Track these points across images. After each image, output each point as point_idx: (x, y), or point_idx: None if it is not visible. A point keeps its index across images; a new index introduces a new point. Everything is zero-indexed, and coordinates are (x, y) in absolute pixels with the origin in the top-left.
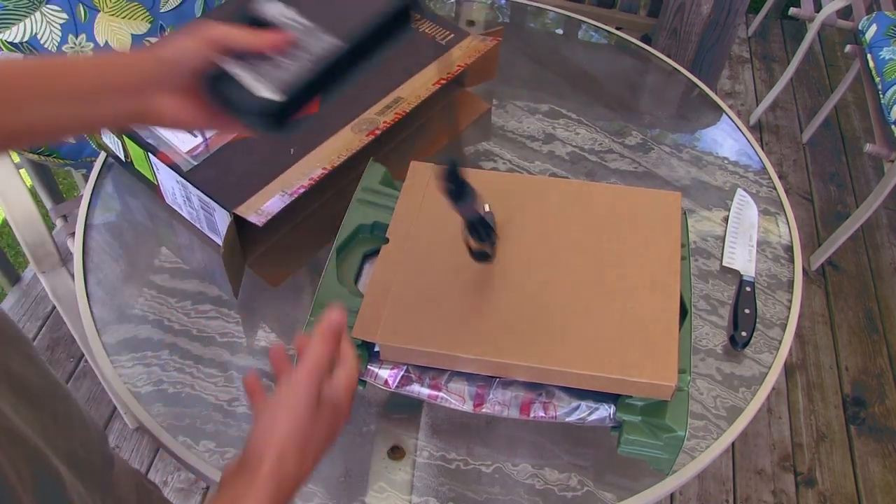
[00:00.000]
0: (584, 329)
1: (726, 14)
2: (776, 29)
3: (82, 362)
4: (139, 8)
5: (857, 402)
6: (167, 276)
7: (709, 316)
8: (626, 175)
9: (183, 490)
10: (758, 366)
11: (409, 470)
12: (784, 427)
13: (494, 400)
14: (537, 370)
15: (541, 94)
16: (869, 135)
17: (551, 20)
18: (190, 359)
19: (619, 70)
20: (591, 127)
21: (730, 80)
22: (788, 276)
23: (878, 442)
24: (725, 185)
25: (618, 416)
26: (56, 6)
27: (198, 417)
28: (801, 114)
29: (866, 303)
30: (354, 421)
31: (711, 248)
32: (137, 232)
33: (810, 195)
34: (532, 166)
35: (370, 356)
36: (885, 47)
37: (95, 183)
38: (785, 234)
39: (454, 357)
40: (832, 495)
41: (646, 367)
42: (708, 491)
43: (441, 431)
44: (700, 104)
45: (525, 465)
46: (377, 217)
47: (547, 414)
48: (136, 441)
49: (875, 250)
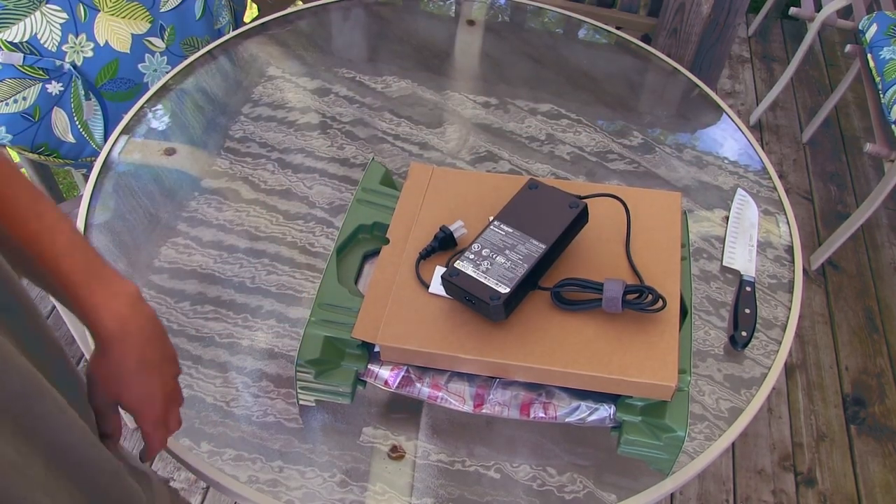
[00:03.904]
0: (584, 329)
1: (726, 14)
2: (776, 29)
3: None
4: (139, 7)
5: (857, 401)
6: (167, 276)
7: (709, 316)
8: (626, 175)
9: (183, 490)
10: (758, 366)
11: (408, 470)
12: (784, 427)
13: (494, 400)
14: (537, 370)
15: (541, 94)
16: (869, 135)
17: (551, 20)
18: (189, 359)
19: (619, 70)
20: (591, 127)
21: (730, 80)
22: (789, 276)
23: (878, 442)
24: (725, 185)
25: (618, 416)
26: (56, 6)
27: (197, 418)
28: (801, 113)
29: (866, 302)
30: (354, 421)
31: (711, 248)
32: (137, 232)
33: (810, 195)
34: (532, 166)
35: (370, 356)
36: (886, 47)
37: (95, 183)
38: (785, 234)
39: (454, 358)
40: (832, 495)
41: (646, 367)
42: (708, 491)
43: (441, 432)
44: (700, 104)
45: (525, 466)
46: (377, 217)
47: (547, 414)
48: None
49: (875, 250)
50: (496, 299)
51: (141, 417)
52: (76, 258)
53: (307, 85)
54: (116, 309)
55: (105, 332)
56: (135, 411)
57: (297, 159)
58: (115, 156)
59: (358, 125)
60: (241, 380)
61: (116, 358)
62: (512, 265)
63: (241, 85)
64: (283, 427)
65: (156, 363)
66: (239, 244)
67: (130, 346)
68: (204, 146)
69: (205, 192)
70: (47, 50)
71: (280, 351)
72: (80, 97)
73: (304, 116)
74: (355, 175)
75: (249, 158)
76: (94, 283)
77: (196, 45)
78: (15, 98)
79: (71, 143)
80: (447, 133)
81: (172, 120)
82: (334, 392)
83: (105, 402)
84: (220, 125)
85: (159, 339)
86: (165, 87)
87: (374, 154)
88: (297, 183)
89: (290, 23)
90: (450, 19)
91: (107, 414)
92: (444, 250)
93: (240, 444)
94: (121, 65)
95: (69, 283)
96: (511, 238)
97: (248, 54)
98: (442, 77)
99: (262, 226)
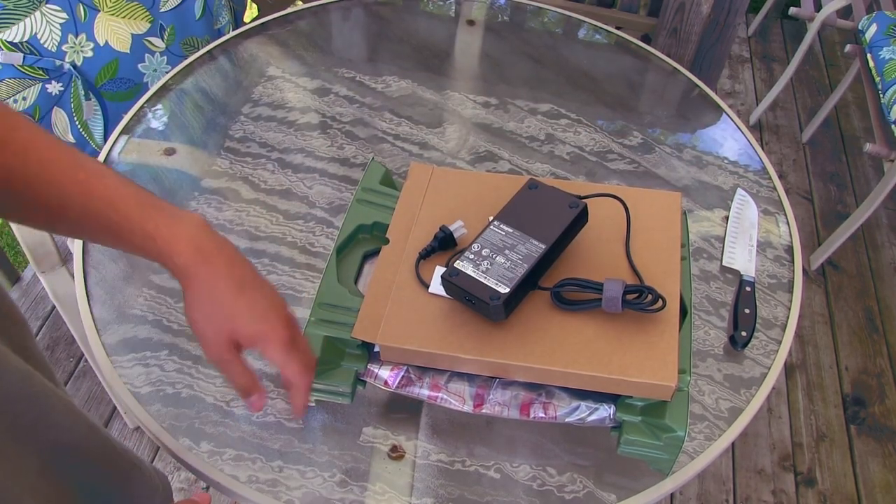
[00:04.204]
0: (584, 329)
1: (726, 14)
2: (776, 29)
3: (82, 362)
4: (139, 7)
5: (857, 401)
6: (167, 276)
7: (709, 316)
8: (626, 175)
9: (183, 490)
10: (758, 366)
11: (408, 470)
12: (784, 427)
13: (494, 400)
14: (537, 370)
15: (541, 94)
16: (869, 134)
17: (551, 20)
18: (189, 359)
19: (619, 70)
20: (591, 127)
21: (730, 80)
22: (788, 276)
23: (878, 442)
24: (725, 184)
25: (618, 416)
26: (56, 6)
27: (197, 417)
28: (801, 113)
29: (866, 302)
30: (354, 421)
31: (711, 248)
32: None
33: (810, 195)
34: (532, 166)
35: (370, 356)
36: (885, 47)
37: None
38: (785, 234)
39: (454, 358)
40: (832, 495)
41: (646, 367)
42: (708, 491)
43: (441, 432)
44: (700, 104)
45: (525, 466)
46: (377, 217)
47: (547, 414)
48: (136, 441)
49: (875, 250)
50: (496, 299)
51: (266, 345)
52: (129, 194)
53: (307, 85)
54: (187, 233)
55: (184, 259)
56: (256, 340)
57: (297, 159)
58: (114, 156)
59: (358, 125)
60: None
61: (208, 286)
62: (512, 265)
63: (241, 85)
64: (282, 427)
65: (252, 280)
66: (239, 244)
67: (217, 268)
68: (204, 146)
69: (205, 192)
70: (47, 50)
71: None
72: (79, 97)
73: (304, 116)
74: (355, 175)
75: (249, 158)
76: (156, 214)
77: (196, 45)
78: (15, 98)
79: (71, 143)
80: (447, 133)
81: (172, 120)
82: (334, 392)
83: (221, 349)
84: (219, 125)
85: (244, 258)
86: (165, 87)
87: (374, 154)
88: (297, 183)
89: (290, 23)
90: (450, 19)
91: (231, 365)
92: (443, 250)
93: (240, 444)
94: (121, 65)
95: (130, 222)
96: (511, 238)
97: (248, 54)
98: (442, 77)
99: (262, 226)
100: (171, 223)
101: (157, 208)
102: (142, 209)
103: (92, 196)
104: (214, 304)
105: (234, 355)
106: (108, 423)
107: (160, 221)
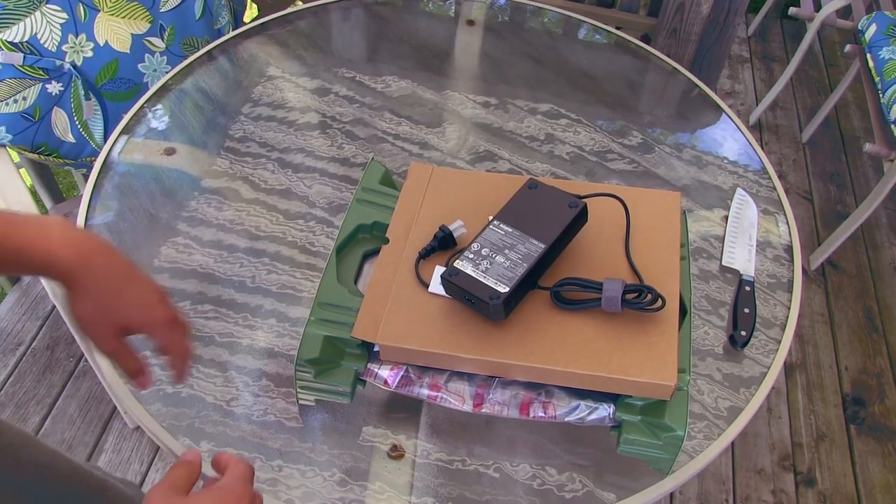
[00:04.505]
0: (584, 329)
1: (726, 14)
2: (776, 29)
3: (82, 362)
4: (139, 7)
5: (856, 401)
6: (167, 276)
7: (708, 315)
8: (626, 175)
9: None
10: (757, 365)
11: (408, 470)
12: (784, 427)
13: (494, 400)
14: (537, 370)
15: (541, 94)
16: (869, 134)
17: (551, 20)
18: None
19: (619, 70)
20: (591, 127)
21: (730, 80)
22: (788, 276)
23: (877, 442)
24: (725, 184)
25: (617, 415)
26: (56, 6)
27: (197, 417)
28: (801, 113)
29: (866, 302)
30: (354, 420)
31: (711, 248)
32: (137, 232)
33: (810, 195)
34: (532, 166)
35: (370, 356)
36: (885, 47)
37: (95, 183)
38: (785, 234)
39: (454, 357)
40: (832, 495)
41: (645, 366)
42: (708, 491)
43: (441, 431)
44: (700, 104)
45: (525, 465)
46: (377, 217)
47: (546, 414)
48: (136, 441)
49: (875, 250)
50: (496, 299)
51: (151, 326)
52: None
53: (307, 85)
54: (59, 237)
55: (64, 261)
56: (142, 324)
57: (296, 159)
58: (114, 156)
59: (358, 125)
60: (241, 379)
61: (94, 283)
62: (511, 265)
63: (241, 85)
64: (282, 426)
65: (128, 269)
66: (239, 244)
67: (98, 264)
68: (204, 146)
69: (205, 192)
70: (47, 50)
71: (280, 350)
72: (79, 97)
73: (303, 116)
74: (355, 175)
75: (249, 158)
76: (24, 228)
77: (196, 45)
78: (15, 98)
79: (71, 143)
80: (447, 133)
81: (172, 120)
82: (334, 391)
83: (113, 341)
84: (219, 125)
85: (115, 249)
86: (165, 86)
87: (373, 154)
88: (297, 182)
89: (290, 23)
90: (450, 19)
91: (119, 352)
92: (443, 250)
93: (240, 444)
94: (121, 65)
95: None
96: (510, 237)
97: (248, 54)
98: (442, 77)
99: (262, 225)
100: (39, 230)
101: (21, 222)
102: (9, 226)
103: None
104: (101, 298)
105: (123, 344)
106: (108, 423)
107: (29, 233)
